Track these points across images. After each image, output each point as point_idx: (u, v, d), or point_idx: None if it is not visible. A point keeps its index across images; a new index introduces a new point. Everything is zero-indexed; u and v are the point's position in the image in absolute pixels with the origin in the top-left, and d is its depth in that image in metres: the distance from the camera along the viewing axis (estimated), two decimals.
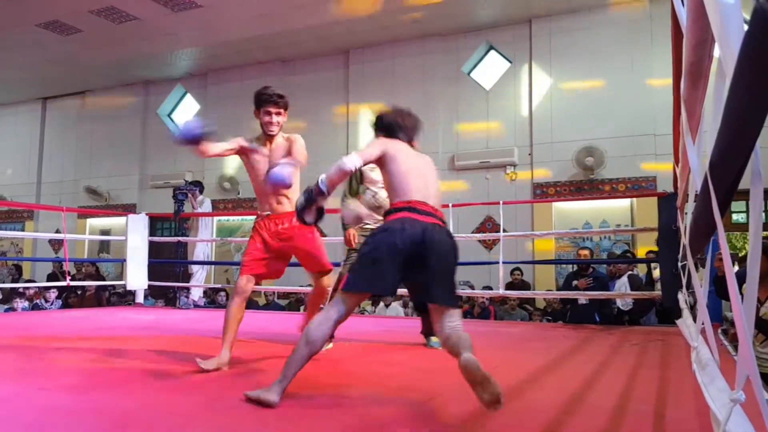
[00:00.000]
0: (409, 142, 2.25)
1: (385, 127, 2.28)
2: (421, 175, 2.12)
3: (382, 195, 3.25)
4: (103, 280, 9.29)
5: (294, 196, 2.86)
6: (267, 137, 2.91)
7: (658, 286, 5.14)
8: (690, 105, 1.75)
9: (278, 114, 2.89)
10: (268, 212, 2.93)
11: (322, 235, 3.65)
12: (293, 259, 3.04)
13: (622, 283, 5.98)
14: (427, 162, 2.24)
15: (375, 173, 3.29)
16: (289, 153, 2.85)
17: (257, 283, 3.01)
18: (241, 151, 2.94)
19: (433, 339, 3.36)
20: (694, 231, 2.04)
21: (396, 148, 2.15)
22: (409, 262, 1.94)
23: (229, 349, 2.66)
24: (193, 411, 1.83)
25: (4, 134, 13.42)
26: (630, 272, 6.16)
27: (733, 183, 0.92)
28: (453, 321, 1.94)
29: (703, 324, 2.20)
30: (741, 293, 0.99)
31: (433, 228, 1.98)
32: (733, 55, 0.66)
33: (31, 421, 1.68)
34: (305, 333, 1.93)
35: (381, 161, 2.13)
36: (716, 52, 1.01)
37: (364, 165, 2.13)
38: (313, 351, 1.92)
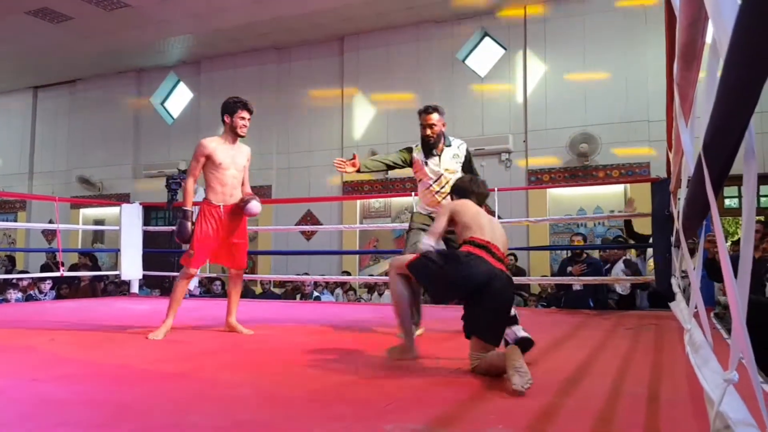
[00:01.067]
0: (479, 205, 2.55)
1: (457, 190, 2.65)
2: (489, 221, 2.43)
3: (435, 188, 3.53)
4: (99, 270, 9.25)
5: (238, 188, 3.41)
6: (235, 137, 3.37)
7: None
8: (683, 88, 1.74)
9: (249, 119, 3.38)
10: (221, 203, 3.34)
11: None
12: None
13: (619, 269, 6.00)
14: (493, 218, 2.54)
15: (427, 168, 3.52)
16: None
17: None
18: (207, 157, 3.32)
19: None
20: (688, 213, 2.05)
21: (462, 203, 2.50)
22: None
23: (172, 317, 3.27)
24: (187, 400, 1.83)
25: None
26: (625, 257, 6.20)
27: (727, 161, 0.91)
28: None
29: (696, 308, 2.21)
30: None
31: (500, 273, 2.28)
32: (727, 30, 0.65)
33: (23, 412, 1.66)
34: (395, 293, 2.32)
35: (453, 220, 2.43)
36: (708, 38, 1.00)
37: (440, 237, 2.45)
38: (407, 300, 2.32)
